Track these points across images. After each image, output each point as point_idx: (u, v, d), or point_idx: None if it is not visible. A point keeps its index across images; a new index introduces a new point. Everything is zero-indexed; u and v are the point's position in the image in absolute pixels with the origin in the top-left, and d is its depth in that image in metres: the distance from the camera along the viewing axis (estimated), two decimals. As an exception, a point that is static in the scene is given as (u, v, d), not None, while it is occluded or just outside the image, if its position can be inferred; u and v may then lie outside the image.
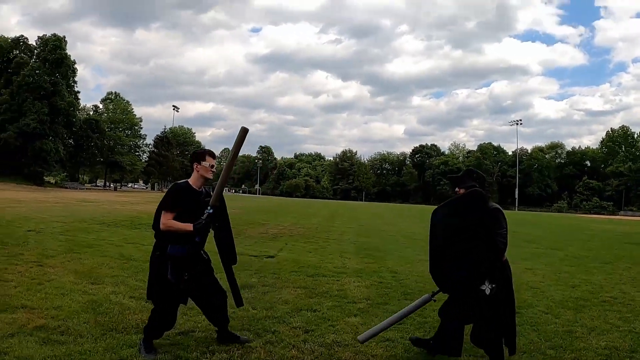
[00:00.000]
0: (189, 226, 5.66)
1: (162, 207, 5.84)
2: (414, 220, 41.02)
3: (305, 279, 10.70)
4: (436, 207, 6.05)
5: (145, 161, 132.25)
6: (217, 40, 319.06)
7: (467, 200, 5.67)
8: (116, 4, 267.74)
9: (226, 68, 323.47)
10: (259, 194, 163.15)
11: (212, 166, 6.08)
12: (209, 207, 5.76)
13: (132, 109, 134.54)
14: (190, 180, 6.11)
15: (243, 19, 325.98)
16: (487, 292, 5.53)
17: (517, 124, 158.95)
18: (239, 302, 6.35)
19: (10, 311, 7.03)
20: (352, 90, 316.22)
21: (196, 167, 6.10)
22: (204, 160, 6.05)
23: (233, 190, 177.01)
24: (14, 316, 6.83)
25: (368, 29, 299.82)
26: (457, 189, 5.97)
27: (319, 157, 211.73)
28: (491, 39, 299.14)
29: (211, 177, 6.10)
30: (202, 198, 5.94)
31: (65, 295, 7.96)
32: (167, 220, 5.73)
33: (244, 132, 5.77)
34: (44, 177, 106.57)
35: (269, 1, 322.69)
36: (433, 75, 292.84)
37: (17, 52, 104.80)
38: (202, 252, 6.03)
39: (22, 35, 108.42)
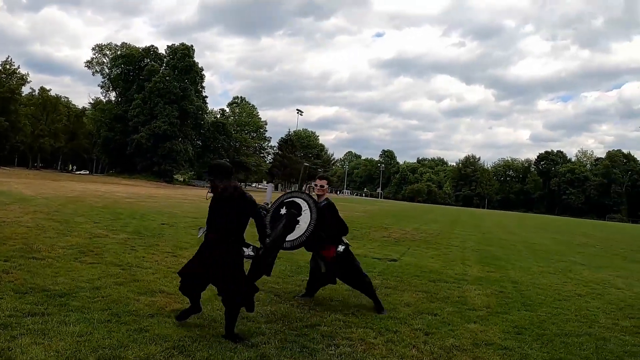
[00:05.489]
0: None
1: None
2: (536, 230, 39.83)
3: (427, 283, 10.77)
4: None
5: (270, 162, 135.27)
6: (340, 46, 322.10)
7: None
8: (240, 14, 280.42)
9: (349, 73, 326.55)
10: (380, 198, 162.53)
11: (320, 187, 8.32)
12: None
13: (257, 112, 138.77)
14: None
15: (365, 24, 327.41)
16: None
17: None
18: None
19: (149, 294, 7.61)
20: (476, 94, 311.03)
21: None
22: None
23: (355, 194, 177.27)
24: (153, 299, 7.41)
25: (491, 30, 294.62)
26: None
27: (441, 162, 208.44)
28: (621, 37, 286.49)
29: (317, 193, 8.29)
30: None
31: (197, 284, 8.42)
32: None
33: (304, 168, 6.94)
34: (174, 175, 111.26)
35: (391, 6, 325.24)
36: (560, 77, 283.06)
37: (148, 60, 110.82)
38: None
39: (153, 45, 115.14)
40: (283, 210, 7.76)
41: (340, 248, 7.94)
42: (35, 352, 5.06)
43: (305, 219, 7.69)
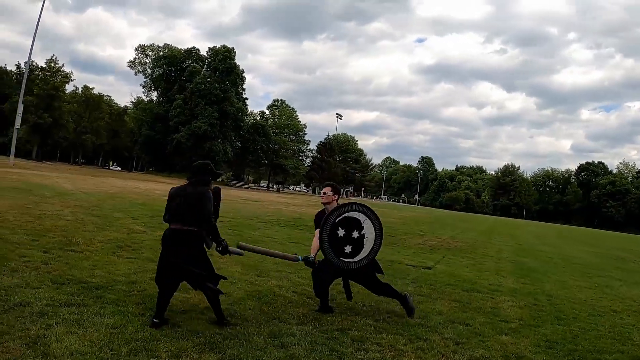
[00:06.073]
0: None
1: None
2: (574, 243, 39.11)
3: (460, 293, 10.68)
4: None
5: (308, 166, 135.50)
6: (382, 51, 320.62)
7: None
8: (284, 17, 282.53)
9: (391, 78, 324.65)
10: (417, 205, 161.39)
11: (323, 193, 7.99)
12: None
13: (297, 115, 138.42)
14: None
15: (408, 29, 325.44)
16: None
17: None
18: None
19: (183, 291, 7.67)
20: (517, 102, 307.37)
21: None
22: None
23: (393, 200, 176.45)
24: (187, 296, 7.51)
25: (534, 37, 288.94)
26: None
27: (480, 170, 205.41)
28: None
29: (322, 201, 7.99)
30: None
31: (233, 283, 8.55)
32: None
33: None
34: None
35: (433, 11, 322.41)
36: (603, 86, 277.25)
37: (190, 61, 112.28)
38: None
39: (194, 47, 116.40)
40: (341, 232, 7.53)
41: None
42: (69, 341, 5.22)
43: (369, 230, 7.63)
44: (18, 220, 12.93)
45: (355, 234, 7.55)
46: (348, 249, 7.53)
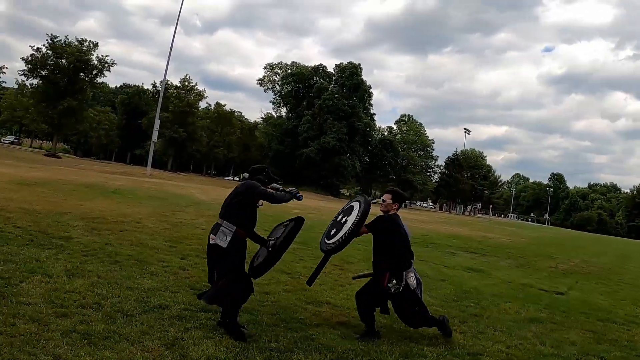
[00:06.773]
0: None
1: None
2: None
3: (595, 322, 10.12)
4: None
5: (436, 181, 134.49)
6: (509, 62, 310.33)
7: None
8: (408, 32, 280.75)
9: (519, 90, 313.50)
10: (547, 224, 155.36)
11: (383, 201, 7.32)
12: None
13: (425, 130, 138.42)
14: None
15: (534, 39, 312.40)
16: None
17: None
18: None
19: (316, 304, 7.87)
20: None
21: None
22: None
23: (522, 219, 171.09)
24: (319, 309, 7.66)
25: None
26: None
27: (614, 188, 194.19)
28: None
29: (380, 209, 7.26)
30: None
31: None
32: None
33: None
34: (340, 189, 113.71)
35: (560, 18, 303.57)
36: None
37: (317, 78, 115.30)
38: None
39: (321, 64, 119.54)
40: (342, 219, 7.29)
41: (392, 288, 6.85)
42: (206, 345, 5.48)
43: (352, 217, 7.07)
44: (156, 227, 13.69)
45: (344, 219, 7.31)
46: (332, 230, 7.41)
